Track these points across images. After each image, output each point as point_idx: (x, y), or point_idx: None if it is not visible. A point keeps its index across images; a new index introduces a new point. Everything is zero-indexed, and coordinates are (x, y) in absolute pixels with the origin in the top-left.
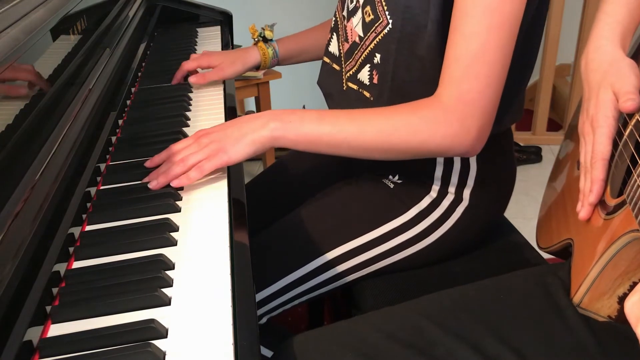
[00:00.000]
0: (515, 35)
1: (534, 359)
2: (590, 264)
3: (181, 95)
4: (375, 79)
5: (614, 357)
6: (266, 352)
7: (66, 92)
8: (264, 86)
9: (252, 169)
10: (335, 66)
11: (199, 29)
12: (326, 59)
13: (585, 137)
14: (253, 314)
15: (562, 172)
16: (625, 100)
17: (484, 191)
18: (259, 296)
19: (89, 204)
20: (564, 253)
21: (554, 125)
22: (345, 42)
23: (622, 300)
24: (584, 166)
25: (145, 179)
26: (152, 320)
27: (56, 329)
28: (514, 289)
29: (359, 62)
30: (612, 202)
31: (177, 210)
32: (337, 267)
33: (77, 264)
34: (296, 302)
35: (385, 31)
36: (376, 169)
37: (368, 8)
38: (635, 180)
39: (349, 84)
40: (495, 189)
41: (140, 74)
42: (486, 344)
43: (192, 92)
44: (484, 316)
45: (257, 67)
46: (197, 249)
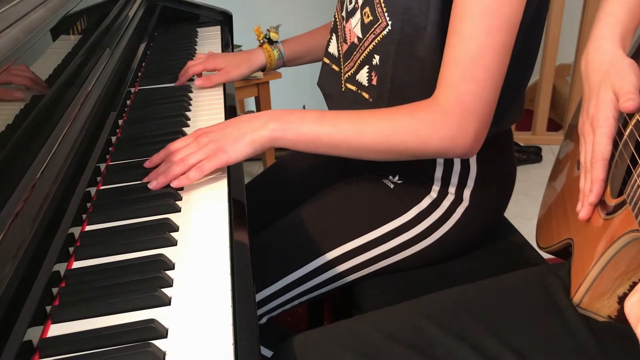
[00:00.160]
0: (513, 38)
1: (534, 359)
2: (590, 264)
3: (181, 95)
4: (374, 80)
5: (614, 357)
6: (266, 352)
7: (66, 92)
8: (264, 86)
9: (252, 169)
10: (335, 67)
11: (199, 29)
12: (326, 60)
13: (585, 137)
14: (253, 314)
15: (562, 172)
16: (626, 100)
17: (484, 191)
18: (259, 296)
19: (89, 204)
20: (564, 253)
21: (554, 125)
22: (344, 43)
23: (622, 300)
24: (584, 166)
25: (145, 179)
26: (152, 320)
27: (56, 329)
28: (514, 289)
29: (357, 63)
30: (612, 202)
31: (177, 210)
32: (337, 267)
33: (77, 264)
34: (296, 302)
35: (384, 33)
36: (376, 169)
37: (367, 9)
38: (636, 180)
39: (347, 85)
40: (495, 189)
41: (140, 74)
42: (486, 344)
43: (192, 92)
44: (484, 316)
45: (262, 69)
46: (197, 249)
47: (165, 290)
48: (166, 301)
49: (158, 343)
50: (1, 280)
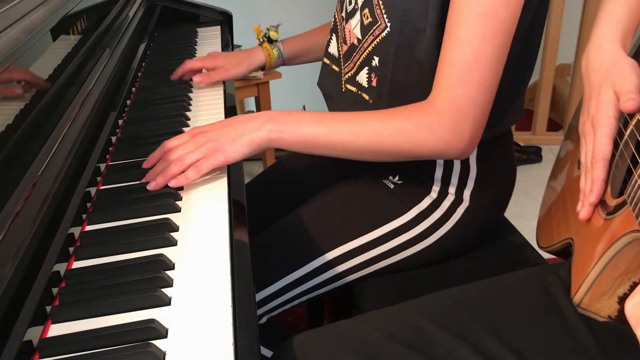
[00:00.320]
0: (509, 42)
1: (534, 359)
2: (590, 264)
3: (181, 95)
4: (374, 81)
5: (614, 357)
6: (266, 352)
7: (66, 92)
8: (264, 86)
9: (252, 169)
10: (335, 67)
11: (199, 29)
12: (326, 60)
13: (586, 136)
14: (253, 314)
15: (562, 172)
16: (626, 100)
17: (484, 192)
18: (259, 296)
19: (89, 204)
20: (564, 252)
21: (554, 125)
22: (344, 43)
23: (622, 300)
24: (584, 166)
25: (143, 179)
26: (152, 320)
27: (56, 329)
28: (514, 289)
29: (357, 65)
30: (612, 202)
31: (177, 210)
32: (337, 268)
33: (77, 264)
34: (296, 302)
35: (384, 34)
36: (376, 169)
37: (366, 10)
38: (636, 181)
39: (347, 85)
40: (495, 189)
41: (140, 74)
42: (486, 344)
43: (192, 92)
44: (484, 316)
45: (262, 67)
46: (197, 249)
47: (165, 290)
48: (166, 301)
49: (158, 343)
50: (1, 280)
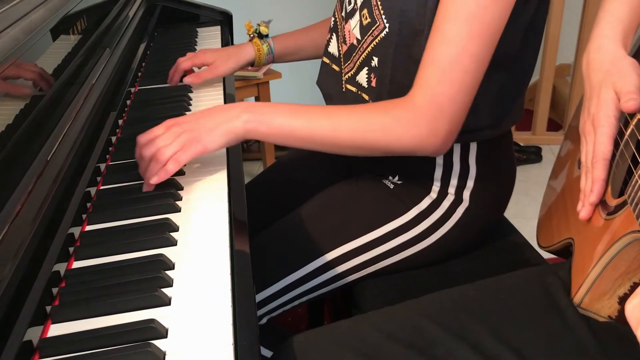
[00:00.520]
0: (494, 44)
1: (534, 359)
2: (590, 264)
3: (181, 95)
4: (373, 82)
5: (614, 357)
6: (266, 352)
7: (66, 92)
8: (264, 86)
9: (252, 169)
10: (335, 67)
11: (199, 29)
12: (326, 60)
13: (586, 136)
14: (253, 314)
15: (562, 172)
16: (627, 100)
17: (484, 192)
18: (259, 297)
19: (89, 204)
20: (564, 252)
21: (554, 125)
22: (344, 43)
23: (622, 300)
24: (584, 166)
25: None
26: (152, 320)
27: (56, 329)
28: (514, 289)
29: (357, 65)
30: (613, 202)
31: (177, 210)
32: (337, 268)
33: (77, 264)
34: (296, 302)
35: (382, 35)
36: (376, 169)
37: (365, 11)
38: (637, 181)
39: (347, 85)
40: (495, 189)
41: (140, 74)
42: (486, 344)
43: (192, 92)
44: (484, 316)
45: (251, 63)
46: (197, 249)
47: (165, 290)
48: (166, 301)
49: (158, 343)
50: (1, 280)
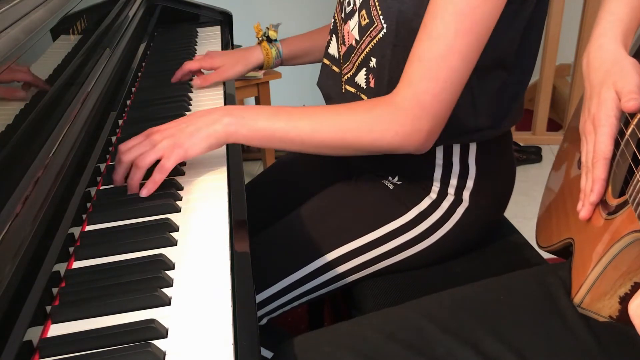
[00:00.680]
0: (482, 43)
1: (534, 359)
2: (591, 264)
3: (181, 95)
4: (372, 82)
5: (614, 357)
6: (266, 353)
7: (66, 92)
8: (264, 86)
9: (252, 169)
10: (335, 68)
11: (199, 29)
12: (326, 61)
13: (586, 136)
14: (253, 314)
15: (562, 172)
16: (628, 100)
17: (483, 192)
18: (259, 297)
19: (89, 204)
20: (564, 252)
21: (554, 125)
22: (343, 44)
23: (623, 300)
24: (585, 165)
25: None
26: (152, 320)
27: (56, 329)
28: (514, 289)
29: (355, 66)
30: (613, 202)
31: (177, 210)
32: (337, 269)
33: (77, 264)
34: (296, 303)
35: (380, 35)
36: (376, 170)
37: (364, 12)
38: (638, 180)
39: (346, 86)
40: (495, 189)
41: (140, 74)
42: (486, 344)
43: (192, 92)
44: (484, 316)
45: (260, 67)
46: (197, 249)
47: (165, 290)
48: (166, 301)
49: (158, 343)
50: (1, 280)
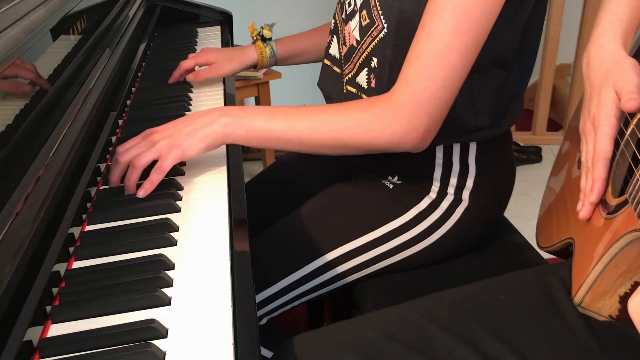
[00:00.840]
0: (480, 42)
1: (534, 359)
2: (591, 264)
3: (181, 95)
4: (373, 82)
5: (614, 357)
6: (266, 352)
7: (66, 92)
8: (264, 86)
9: (252, 169)
10: (336, 69)
11: (199, 29)
12: (327, 62)
13: (586, 136)
14: (253, 314)
15: (562, 172)
16: (628, 100)
17: (483, 192)
18: (259, 297)
19: (89, 204)
20: (564, 252)
21: (554, 125)
22: (344, 45)
23: (623, 299)
24: (585, 165)
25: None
26: (152, 320)
27: (56, 329)
28: (514, 289)
29: (356, 66)
30: (613, 202)
31: (177, 210)
32: (337, 268)
33: (77, 264)
34: (296, 303)
35: (381, 35)
36: (375, 169)
37: (364, 12)
38: (637, 180)
39: (348, 87)
40: (494, 189)
41: (140, 74)
42: (486, 344)
43: (192, 92)
44: (484, 316)
45: (254, 66)
46: (197, 249)
47: (165, 290)
48: (166, 301)
49: (158, 343)
50: (1, 280)
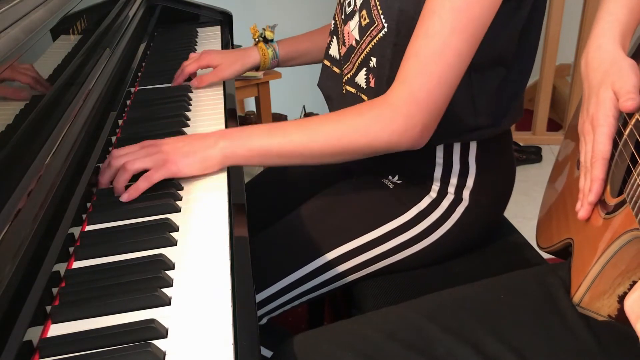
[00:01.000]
0: (477, 40)
1: (534, 358)
2: (590, 264)
3: (181, 96)
4: (372, 82)
5: (614, 357)
6: (266, 352)
7: (66, 92)
8: (264, 86)
9: (252, 169)
10: (336, 69)
11: (199, 29)
12: (326, 62)
13: (585, 136)
14: (253, 314)
15: (562, 172)
16: (626, 100)
17: (483, 191)
18: (259, 297)
19: (89, 204)
20: (564, 253)
21: (554, 125)
22: (343, 45)
23: (622, 299)
24: (583, 165)
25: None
26: (152, 320)
27: (56, 329)
28: (514, 288)
29: (355, 66)
30: (612, 202)
31: (177, 210)
32: (337, 268)
33: (77, 264)
34: (296, 302)
35: (381, 35)
36: (376, 169)
37: (364, 12)
38: (636, 180)
39: (347, 87)
40: (495, 188)
41: (140, 74)
42: (486, 344)
43: (192, 92)
44: (484, 316)
45: (256, 67)
46: (197, 249)
47: (165, 290)
48: (166, 301)
49: (158, 343)
50: (1, 280)
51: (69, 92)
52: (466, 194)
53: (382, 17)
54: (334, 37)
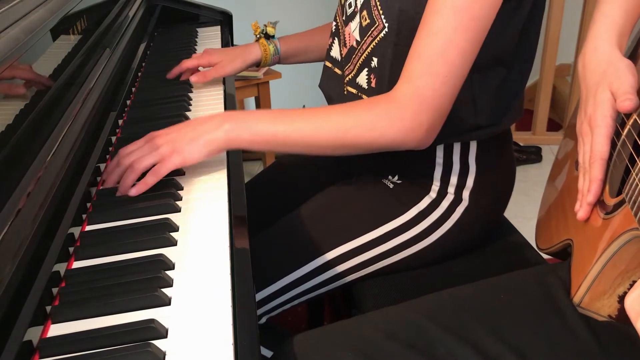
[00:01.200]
0: (481, 38)
1: (534, 358)
2: (590, 264)
3: (181, 95)
4: (373, 82)
5: (614, 357)
6: (266, 352)
7: (66, 92)
8: (264, 86)
9: (252, 168)
10: (337, 70)
11: (199, 29)
12: (328, 64)
13: (583, 137)
14: (253, 314)
15: (561, 173)
16: (623, 100)
17: (483, 191)
18: (259, 296)
19: (89, 204)
20: (564, 254)
21: (554, 125)
22: (344, 46)
23: (622, 299)
24: (582, 166)
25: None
26: (152, 320)
27: (56, 329)
28: (514, 288)
29: (357, 66)
30: (611, 202)
31: (177, 210)
32: (336, 268)
33: (77, 264)
34: (296, 302)
35: (382, 35)
36: (376, 169)
37: (365, 12)
38: (634, 179)
39: (348, 88)
40: (495, 188)
41: (140, 74)
42: (486, 344)
43: (192, 92)
44: (484, 316)
45: (257, 63)
46: (197, 249)
47: (165, 290)
48: (166, 301)
49: (158, 343)
50: (1, 280)
51: (69, 92)
52: (466, 194)
53: (382, 17)
54: (335, 38)
